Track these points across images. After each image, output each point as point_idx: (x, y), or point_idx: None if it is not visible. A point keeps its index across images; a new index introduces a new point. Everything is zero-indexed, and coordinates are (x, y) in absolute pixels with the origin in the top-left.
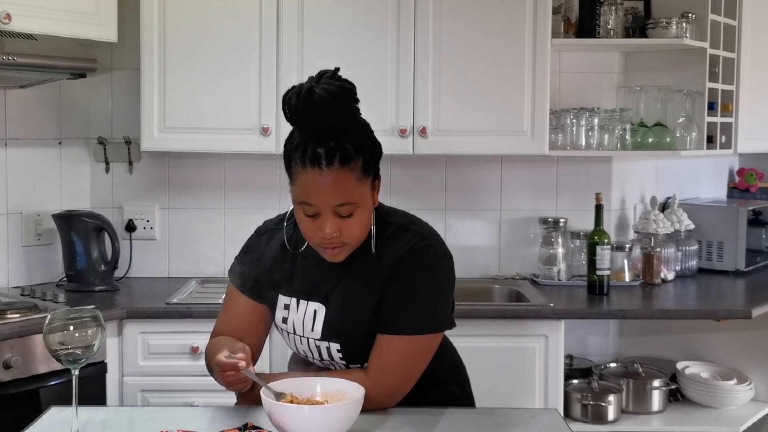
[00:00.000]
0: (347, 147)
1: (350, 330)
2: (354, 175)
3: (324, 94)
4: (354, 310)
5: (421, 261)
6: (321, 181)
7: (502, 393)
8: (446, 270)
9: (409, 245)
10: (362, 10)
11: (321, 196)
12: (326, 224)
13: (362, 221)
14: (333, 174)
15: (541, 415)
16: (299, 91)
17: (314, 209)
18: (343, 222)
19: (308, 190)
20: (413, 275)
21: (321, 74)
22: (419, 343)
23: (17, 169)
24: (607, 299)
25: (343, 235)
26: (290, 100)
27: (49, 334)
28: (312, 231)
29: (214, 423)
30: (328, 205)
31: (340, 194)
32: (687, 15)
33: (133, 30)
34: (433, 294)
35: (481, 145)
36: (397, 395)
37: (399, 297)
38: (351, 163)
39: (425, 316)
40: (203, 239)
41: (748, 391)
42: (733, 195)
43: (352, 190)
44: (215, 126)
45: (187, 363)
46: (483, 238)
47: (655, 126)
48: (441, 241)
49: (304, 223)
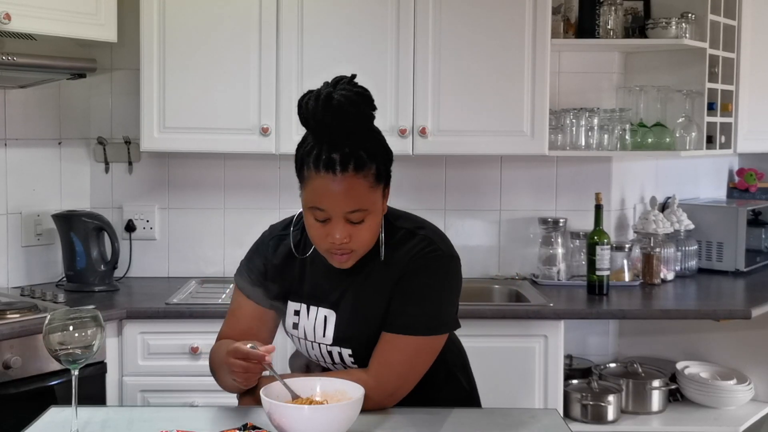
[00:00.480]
0: (361, 154)
1: (362, 336)
2: (367, 182)
3: (342, 100)
4: (365, 315)
5: (428, 263)
6: (334, 186)
7: (502, 393)
8: (452, 271)
9: (416, 249)
10: (362, 10)
11: (333, 202)
12: (336, 230)
13: (372, 228)
14: (347, 180)
15: (540, 415)
16: (318, 95)
17: (325, 214)
18: (354, 228)
19: (320, 196)
20: (419, 276)
21: (337, 80)
22: (421, 343)
23: (17, 169)
24: (606, 299)
25: (353, 241)
26: (307, 104)
27: (49, 334)
28: (321, 237)
29: (214, 423)
30: (339, 211)
31: (352, 201)
32: (687, 15)
33: (133, 30)
34: (437, 295)
35: (481, 145)
36: (396, 395)
37: (404, 297)
38: (365, 169)
39: (428, 317)
40: (203, 239)
41: (748, 391)
42: (732, 195)
43: (364, 196)
44: (215, 126)
45: (187, 363)
46: (483, 238)
47: (655, 126)
48: (448, 242)
49: (314, 229)
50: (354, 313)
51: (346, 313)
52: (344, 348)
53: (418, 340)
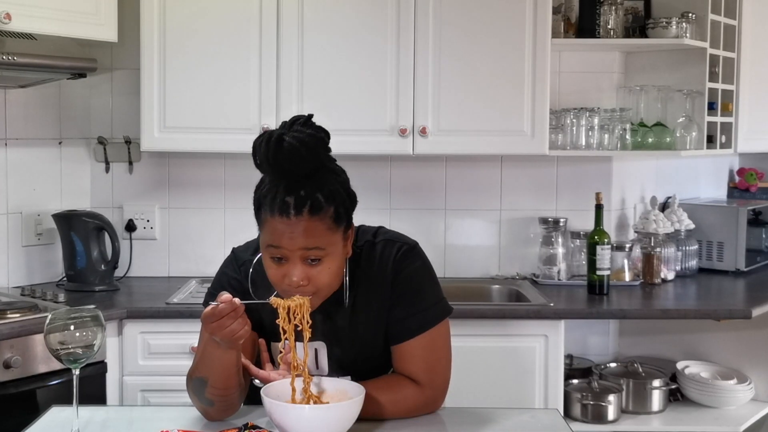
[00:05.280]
0: (318, 197)
1: (363, 358)
2: (324, 224)
3: (294, 142)
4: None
5: (405, 262)
6: (289, 229)
7: (502, 393)
8: (423, 256)
9: (391, 256)
10: (362, 10)
11: (288, 242)
12: (293, 272)
13: (332, 270)
14: (302, 223)
15: (541, 415)
16: (269, 138)
17: (281, 252)
18: (312, 270)
19: (276, 236)
20: (405, 278)
21: (294, 120)
22: (440, 332)
23: (17, 169)
24: (607, 299)
25: (311, 284)
26: (260, 147)
27: (50, 333)
28: (278, 277)
29: (214, 423)
30: (295, 249)
31: (308, 240)
32: (687, 15)
33: (133, 30)
34: (427, 284)
35: (481, 145)
36: (446, 387)
37: (401, 302)
38: (321, 213)
39: (432, 306)
40: (203, 239)
41: (748, 390)
42: (733, 195)
43: (321, 237)
44: (215, 126)
45: (187, 363)
46: (483, 238)
47: (655, 126)
48: (403, 235)
49: (271, 269)
50: (351, 340)
51: (341, 342)
52: (343, 376)
53: (435, 331)
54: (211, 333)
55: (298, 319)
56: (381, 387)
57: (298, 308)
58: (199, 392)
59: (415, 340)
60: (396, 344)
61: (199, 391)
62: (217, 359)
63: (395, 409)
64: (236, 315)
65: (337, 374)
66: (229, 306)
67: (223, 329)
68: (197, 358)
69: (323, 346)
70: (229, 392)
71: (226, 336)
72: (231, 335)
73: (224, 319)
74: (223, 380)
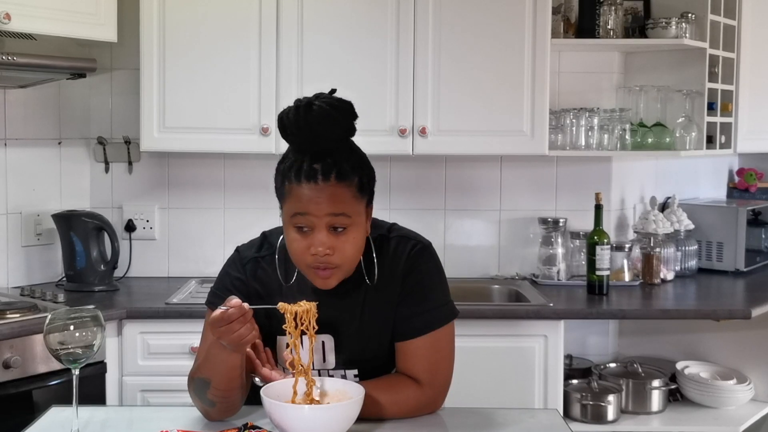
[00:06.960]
0: (344, 165)
1: (370, 353)
2: (350, 191)
3: (325, 106)
4: (371, 334)
5: (418, 260)
6: (317, 193)
7: (502, 393)
8: (436, 257)
9: (404, 252)
10: (362, 10)
11: (316, 206)
12: (318, 239)
13: (356, 242)
14: (329, 188)
15: (540, 415)
16: (297, 106)
17: (307, 220)
18: (336, 240)
19: (303, 203)
20: (416, 276)
21: (317, 95)
22: (445, 333)
23: (17, 169)
24: (606, 299)
25: (335, 255)
26: (288, 115)
27: (50, 333)
28: (303, 249)
29: (214, 423)
30: (322, 216)
31: (335, 205)
32: (687, 15)
33: (132, 30)
34: (437, 285)
35: (481, 145)
36: (447, 389)
37: (410, 300)
38: (347, 180)
39: (439, 307)
40: (203, 239)
41: (748, 391)
42: (732, 195)
43: (348, 203)
44: (215, 126)
45: (187, 363)
46: (483, 238)
47: (655, 126)
48: (417, 234)
49: (295, 242)
50: (358, 334)
51: (348, 336)
52: (349, 369)
53: (440, 332)
54: (218, 337)
55: (305, 326)
56: (381, 387)
57: (304, 314)
58: (201, 393)
59: (420, 339)
60: (400, 341)
61: (201, 391)
62: (222, 361)
63: (395, 410)
64: (245, 320)
65: (343, 369)
66: (239, 311)
67: (231, 334)
68: (200, 358)
69: (330, 339)
70: (231, 393)
71: (233, 341)
72: (239, 340)
73: (233, 323)
74: (226, 382)
